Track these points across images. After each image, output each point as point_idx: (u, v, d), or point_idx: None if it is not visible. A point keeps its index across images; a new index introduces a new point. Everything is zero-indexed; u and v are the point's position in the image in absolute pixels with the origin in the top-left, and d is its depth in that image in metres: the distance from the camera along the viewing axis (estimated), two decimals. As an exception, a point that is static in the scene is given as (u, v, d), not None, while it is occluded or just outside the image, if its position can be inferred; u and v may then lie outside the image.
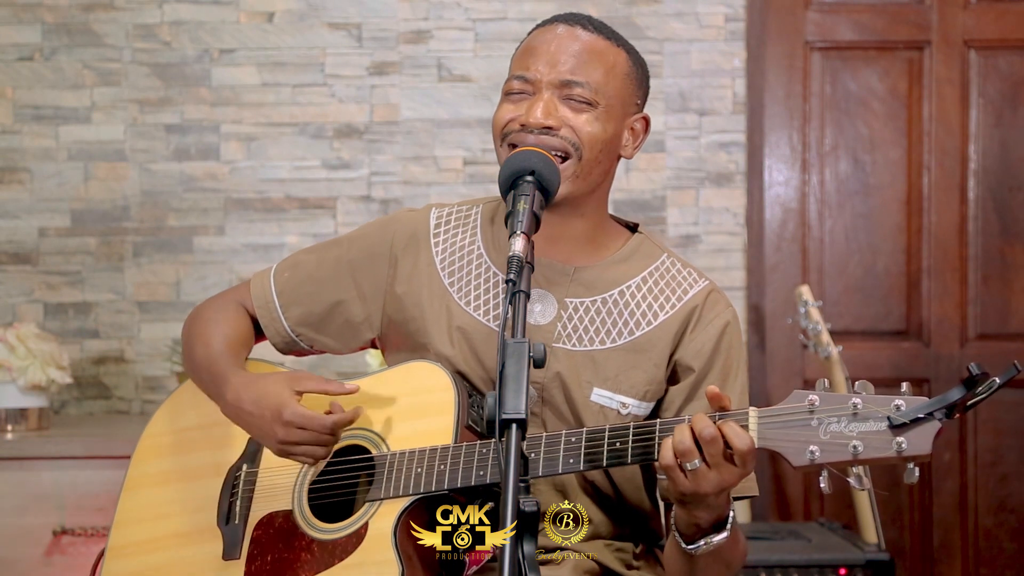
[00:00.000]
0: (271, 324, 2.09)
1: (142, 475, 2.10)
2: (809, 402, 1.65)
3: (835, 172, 3.97)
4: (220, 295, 2.18)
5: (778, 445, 1.66)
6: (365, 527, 1.85)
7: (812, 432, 1.64)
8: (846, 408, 1.63)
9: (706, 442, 1.66)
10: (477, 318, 1.98)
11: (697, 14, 3.92)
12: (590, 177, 1.93)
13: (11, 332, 3.35)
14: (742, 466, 1.68)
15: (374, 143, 3.90)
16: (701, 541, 1.78)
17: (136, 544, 2.05)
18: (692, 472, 1.68)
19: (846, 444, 1.62)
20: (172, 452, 2.09)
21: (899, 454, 1.59)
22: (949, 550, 3.94)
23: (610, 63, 1.94)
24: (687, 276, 2.02)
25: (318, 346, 2.10)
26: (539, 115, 1.89)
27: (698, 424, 1.67)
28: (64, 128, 3.87)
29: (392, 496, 1.84)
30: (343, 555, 1.85)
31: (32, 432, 3.37)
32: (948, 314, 3.95)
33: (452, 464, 1.82)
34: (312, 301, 2.07)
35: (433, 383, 1.91)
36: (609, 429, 1.77)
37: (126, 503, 2.09)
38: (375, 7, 3.90)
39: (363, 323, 2.06)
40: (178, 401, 2.14)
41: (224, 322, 2.08)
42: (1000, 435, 3.91)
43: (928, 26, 3.95)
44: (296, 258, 2.13)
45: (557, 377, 1.94)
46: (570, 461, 1.77)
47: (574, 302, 1.98)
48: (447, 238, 2.05)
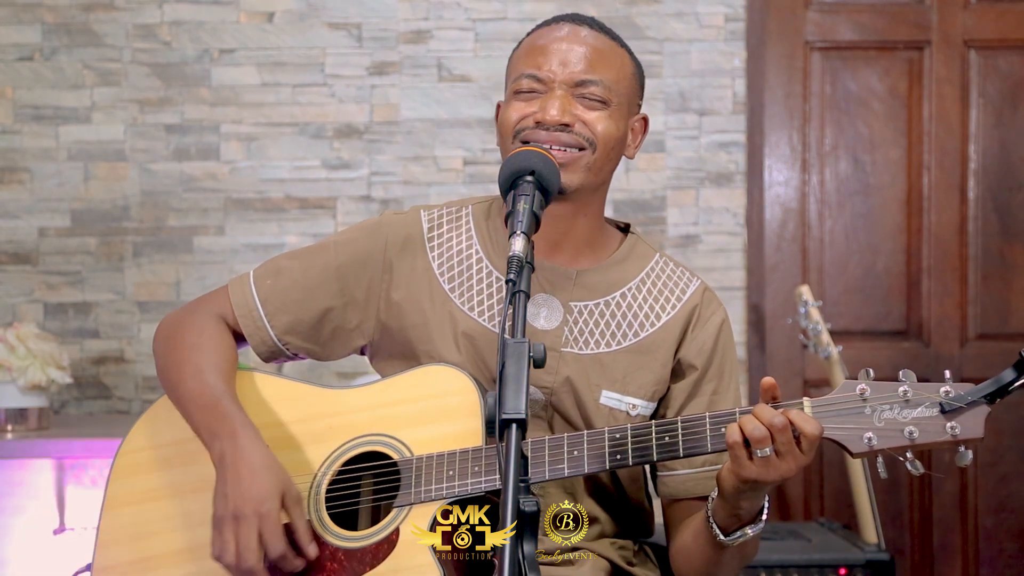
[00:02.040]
0: (256, 333, 2.02)
1: (126, 492, 1.99)
2: (860, 391, 1.71)
3: (835, 172, 3.97)
4: (193, 307, 2.06)
5: (835, 433, 1.71)
6: (396, 533, 1.81)
7: (867, 419, 1.70)
8: (897, 395, 1.70)
9: (778, 430, 1.68)
10: (481, 323, 1.97)
11: (697, 14, 3.92)
12: (601, 172, 1.95)
13: (11, 332, 3.35)
14: (808, 452, 1.71)
15: (374, 143, 3.90)
16: (738, 532, 1.81)
17: (127, 564, 1.95)
18: (762, 459, 1.70)
19: (901, 430, 1.68)
20: (158, 467, 1.99)
21: (954, 438, 1.66)
22: (949, 550, 3.94)
23: (618, 63, 1.96)
24: (681, 275, 2.05)
25: (303, 354, 2.05)
26: (555, 112, 1.90)
27: (766, 413, 1.69)
28: (64, 128, 3.87)
29: (423, 500, 1.82)
30: (374, 562, 1.81)
31: (32, 432, 3.37)
32: (948, 314, 3.95)
33: (487, 465, 1.81)
34: (300, 309, 2.01)
35: (453, 386, 1.89)
36: (632, 428, 1.78)
37: (110, 522, 1.98)
38: (375, 7, 3.90)
39: (355, 330, 2.03)
40: (156, 416, 2.03)
41: (212, 348, 1.98)
42: (1000, 435, 3.91)
43: (928, 26, 3.95)
44: (277, 264, 2.05)
45: (567, 382, 1.95)
46: (617, 457, 1.78)
47: (578, 306, 1.98)
48: (442, 242, 2.04)
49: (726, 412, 1.76)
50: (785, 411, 1.70)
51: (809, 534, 3.36)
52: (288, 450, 1.92)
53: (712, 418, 1.75)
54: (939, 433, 1.67)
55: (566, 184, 1.89)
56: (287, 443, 1.93)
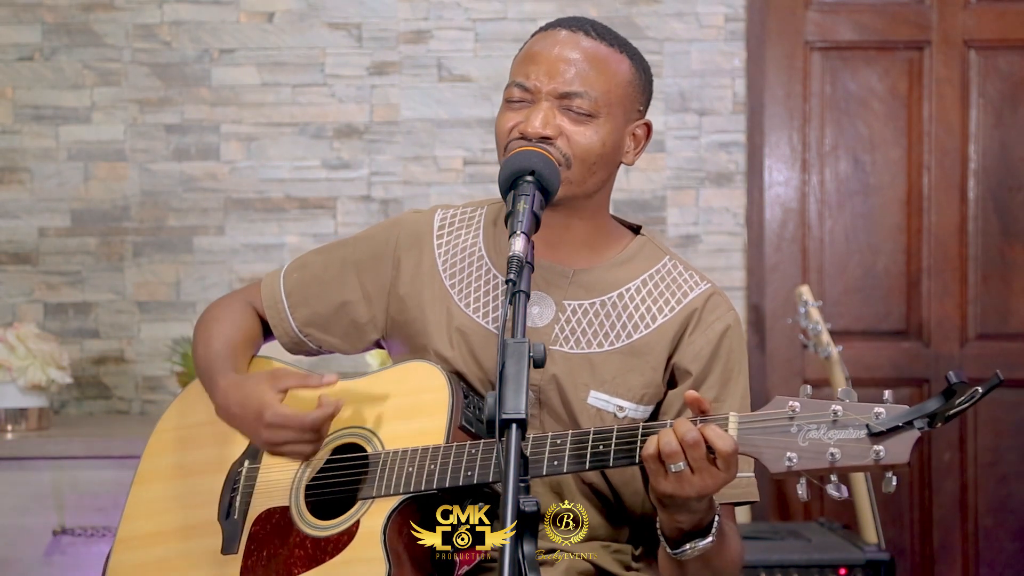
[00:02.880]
0: (280, 324, 2.10)
1: (152, 469, 2.12)
2: (790, 408, 1.63)
3: (835, 172, 3.97)
4: (232, 294, 2.20)
5: (757, 451, 1.65)
6: (356, 525, 1.86)
7: (791, 439, 1.62)
8: (826, 415, 1.61)
9: (689, 446, 1.64)
10: (476, 320, 1.98)
11: (697, 14, 3.92)
12: (584, 185, 1.92)
13: (11, 332, 3.36)
14: (725, 470, 1.66)
15: (374, 143, 3.90)
16: (687, 546, 1.77)
17: (141, 537, 2.07)
18: (676, 474, 1.66)
19: (824, 451, 1.60)
20: (179, 448, 2.11)
21: (876, 462, 1.58)
22: (949, 550, 3.94)
23: (612, 71, 1.93)
24: (688, 279, 2.01)
25: (326, 347, 2.11)
26: (537, 125, 1.88)
27: (680, 428, 1.66)
28: (64, 128, 3.87)
29: (384, 495, 1.85)
30: (334, 552, 1.87)
31: (32, 432, 3.37)
32: (948, 314, 3.95)
33: (442, 464, 1.83)
34: (318, 302, 2.08)
35: (429, 383, 1.91)
36: (594, 431, 1.77)
37: (136, 496, 2.11)
38: (375, 7, 3.90)
39: (368, 324, 2.07)
40: (189, 396, 2.15)
41: (227, 321, 2.10)
42: (1000, 435, 3.91)
43: (928, 26, 3.95)
44: (305, 259, 2.14)
45: (554, 379, 1.94)
46: (554, 463, 1.77)
47: (572, 304, 1.98)
48: (450, 240, 2.05)
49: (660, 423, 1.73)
50: (702, 426, 1.65)
51: (809, 534, 3.35)
52: None
53: (645, 428, 1.73)
54: (862, 456, 1.58)
55: None
56: None
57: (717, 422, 1.67)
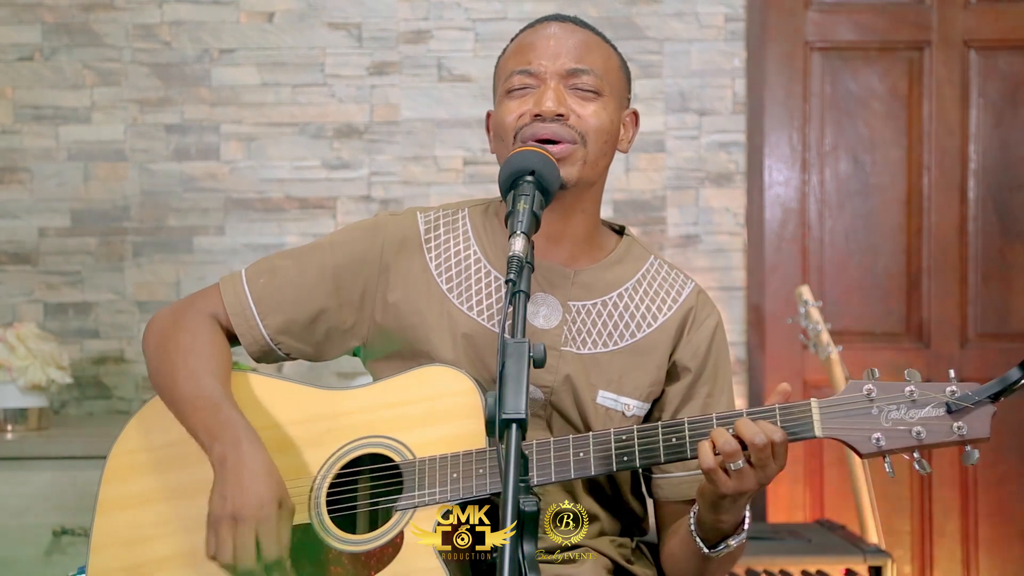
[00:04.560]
0: (248, 333, 2.00)
1: (119, 496, 1.96)
2: (867, 391, 1.72)
3: (835, 172, 3.97)
4: (184, 306, 2.03)
5: (843, 434, 1.71)
6: (401, 536, 1.81)
7: (874, 420, 1.71)
8: (903, 395, 1.70)
9: (758, 448, 1.69)
10: (481, 323, 1.97)
11: (697, 14, 3.92)
12: (597, 166, 1.95)
13: (11, 332, 3.36)
14: (780, 459, 1.72)
15: (374, 143, 3.90)
16: (722, 545, 1.83)
17: (121, 570, 1.92)
18: (736, 472, 1.71)
19: (909, 430, 1.69)
20: (153, 470, 1.96)
21: (961, 438, 1.68)
22: (949, 550, 3.94)
23: (606, 54, 1.99)
24: (676, 277, 2.06)
25: (296, 354, 2.03)
26: (551, 104, 1.90)
27: (746, 431, 1.70)
28: (64, 128, 3.87)
29: (428, 503, 1.81)
30: (378, 566, 1.80)
31: (32, 432, 3.37)
32: (948, 314, 3.95)
33: (492, 467, 1.80)
34: (294, 309, 2.00)
35: (453, 387, 1.88)
36: (638, 430, 1.79)
37: (103, 526, 1.95)
38: (375, 7, 3.90)
39: (349, 331, 2.01)
40: (149, 416, 2.00)
41: (206, 352, 1.96)
42: (1000, 435, 3.90)
43: (928, 26, 3.95)
44: (271, 263, 2.04)
45: (567, 380, 1.95)
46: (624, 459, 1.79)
47: (576, 305, 1.99)
48: (439, 244, 2.04)
49: (734, 412, 1.76)
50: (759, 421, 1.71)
51: (809, 534, 3.36)
52: (287, 452, 1.91)
53: (719, 419, 1.76)
54: (946, 433, 1.68)
55: (565, 178, 1.89)
56: (286, 445, 1.92)
57: (799, 409, 1.73)
